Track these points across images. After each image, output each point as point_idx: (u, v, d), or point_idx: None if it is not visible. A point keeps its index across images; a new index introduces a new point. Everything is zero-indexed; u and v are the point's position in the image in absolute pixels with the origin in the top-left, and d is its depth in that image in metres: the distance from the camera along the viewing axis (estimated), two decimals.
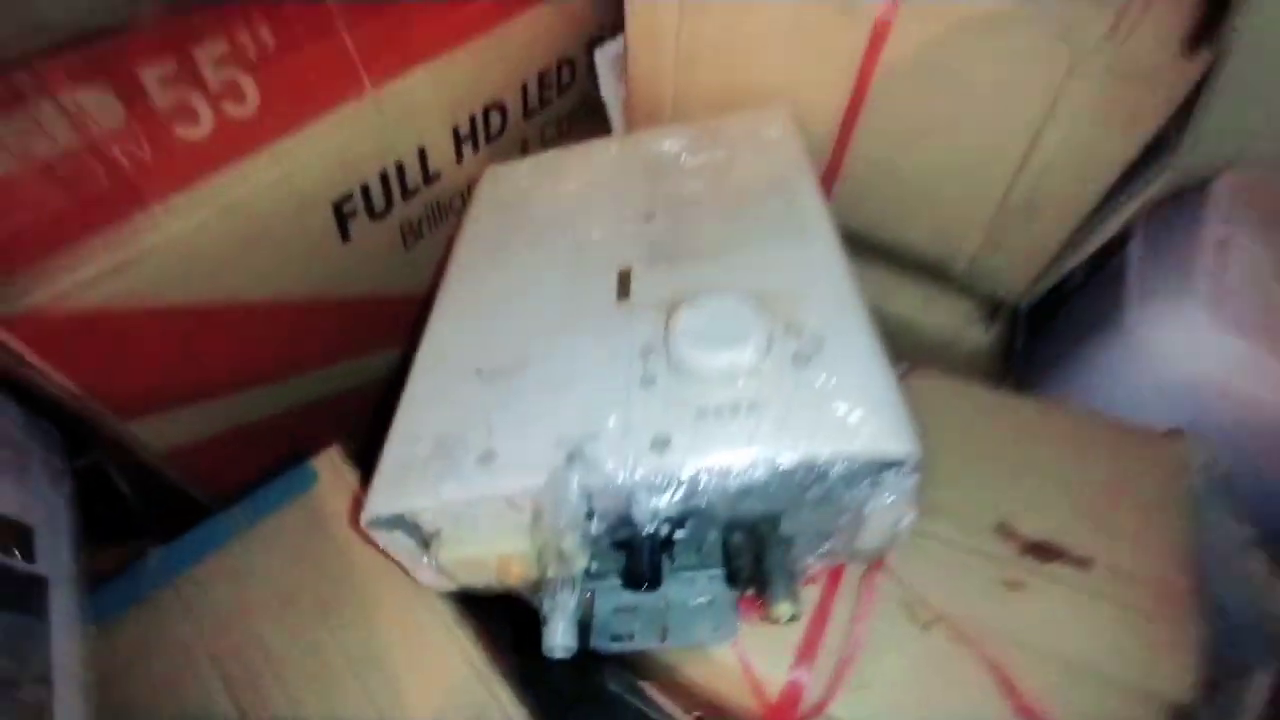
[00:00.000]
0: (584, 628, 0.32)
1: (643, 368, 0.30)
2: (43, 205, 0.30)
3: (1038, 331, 0.55)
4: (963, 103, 0.41)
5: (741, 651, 0.33)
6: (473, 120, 0.49)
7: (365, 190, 0.43)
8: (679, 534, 0.28)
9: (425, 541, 0.31)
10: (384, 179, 0.44)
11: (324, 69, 0.38)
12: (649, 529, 0.27)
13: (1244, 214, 0.47)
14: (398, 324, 0.50)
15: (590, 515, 0.27)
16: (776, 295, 0.31)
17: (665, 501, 0.26)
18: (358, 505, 0.37)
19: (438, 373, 0.34)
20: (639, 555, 0.27)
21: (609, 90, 0.57)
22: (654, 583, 0.28)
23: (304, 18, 0.37)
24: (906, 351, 0.50)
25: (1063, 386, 0.50)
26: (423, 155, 0.46)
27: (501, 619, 0.37)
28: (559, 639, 0.29)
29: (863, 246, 0.52)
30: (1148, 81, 0.35)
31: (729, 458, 0.26)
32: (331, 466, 0.40)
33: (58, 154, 0.30)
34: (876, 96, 0.44)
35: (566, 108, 0.58)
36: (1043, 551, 0.35)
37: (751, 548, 0.28)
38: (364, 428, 0.49)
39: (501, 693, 0.33)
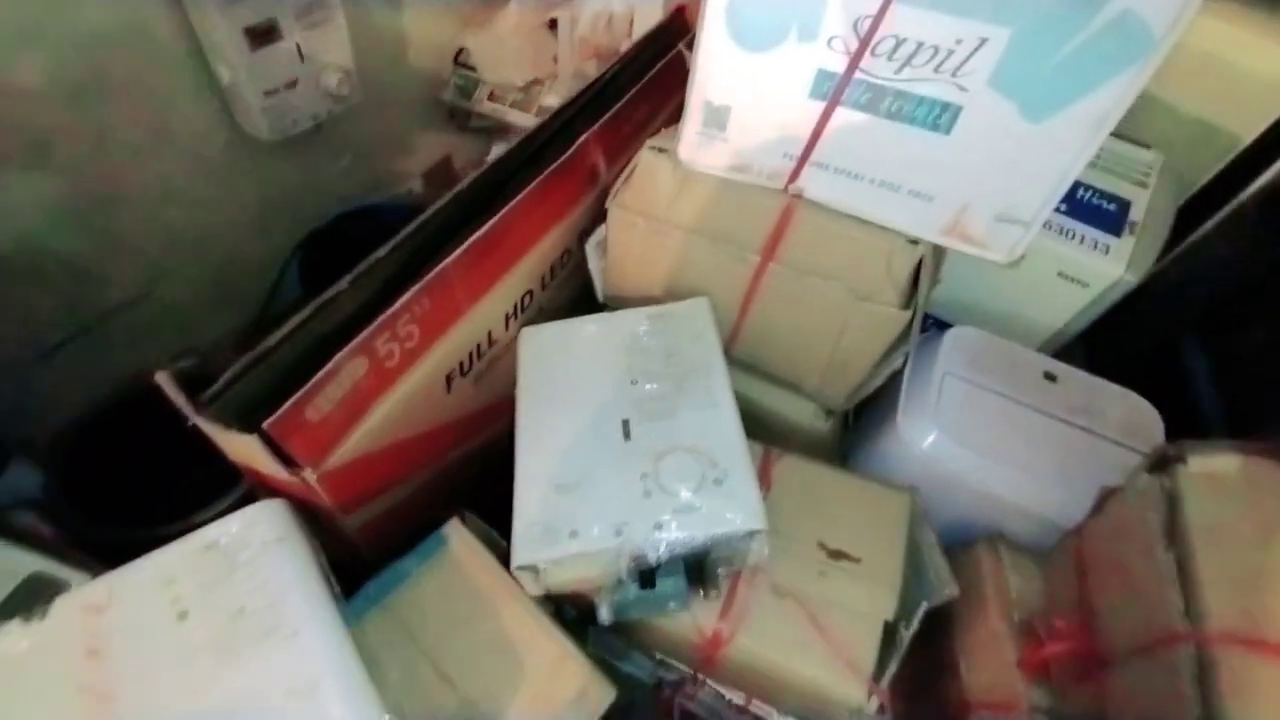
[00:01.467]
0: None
1: (643, 486, 0.62)
2: (337, 420, 0.58)
3: (859, 418, 0.91)
4: (801, 316, 0.75)
5: (693, 615, 0.66)
6: (515, 306, 0.79)
7: (460, 365, 0.73)
8: (663, 563, 0.61)
9: (537, 574, 0.62)
10: (470, 355, 0.74)
11: (446, 309, 0.68)
12: (652, 563, 0.59)
13: (956, 357, 0.85)
14: (477, 427, 0.80)
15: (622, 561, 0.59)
16: (704, 446, 0.64)
17: (659, 553, 0.58)
18: (476, 554, 0.67)
19: (532, 487, 0.64)
20: (646, 573, 0.60)
21: (594, 266, 0.87)
22: (652, 585, 0.61)
23: (439, 285, 0.66)
24: (776, 432, 0.85)
25: (867, 455, 0.86)
26: (489, 335, 0.76)
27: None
28: (605, 615, 0.61)
29: (753, 369, 0.87)
30: (885, 320, 0.71)
31: (685, 534, 0.58)
32: (456, 530, 0.70)
33: (343, 393, 0.58)
34: (756, 304, 0.78)
35: (566, 275, 0.88)
36: (838, 555, 0.70)
37: (697, 567, 0.61)
38: (465, 491, 0.78)
39: (586, 662, 0.64)
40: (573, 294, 0.91)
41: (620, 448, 0.66)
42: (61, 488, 0.92)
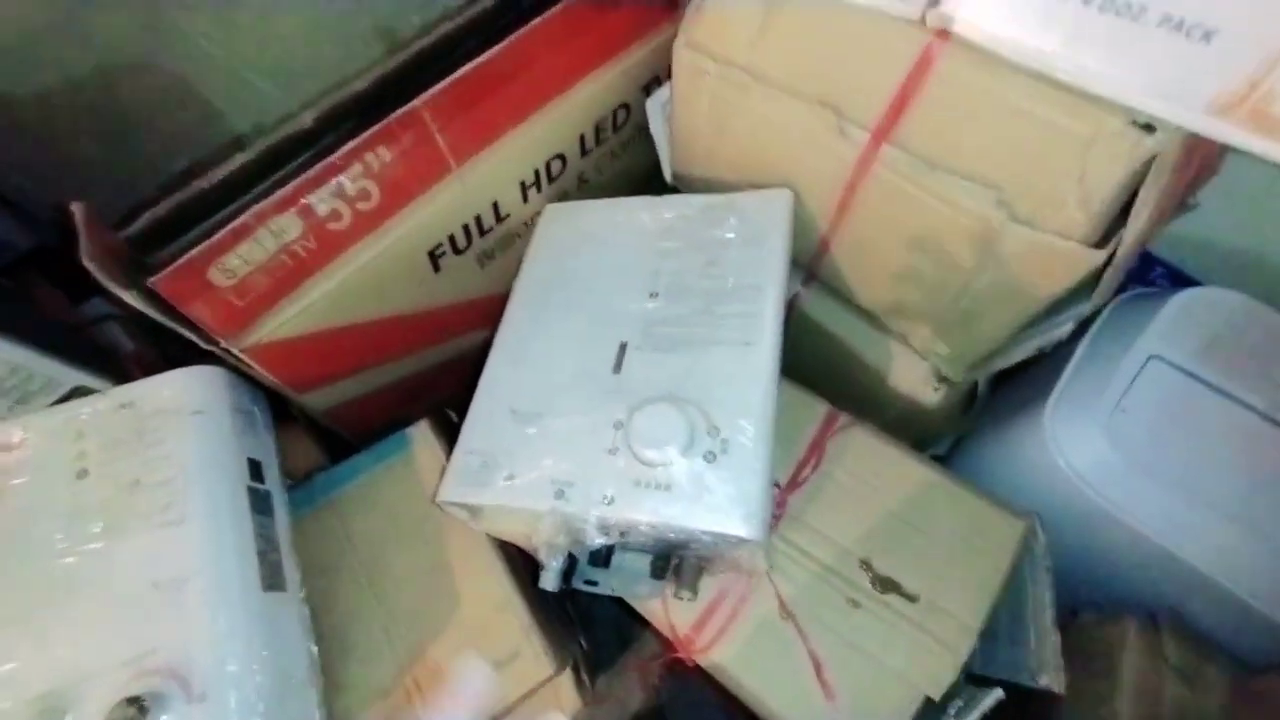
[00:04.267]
0: (568, 574, 0.51)
1: (612, 439, 0.45)
2: (262, 285, 0.48)
3: (995, 399, 0.64)
4: (919, 235, 0.49)
5: (665, 605, 0.51)
6: (536, 172, 0.62)
7: (451, 239, 0.59)
8: (618, 545, 0.45)
9: (472, 513, 0.50)
10: (465, 229, 0.59)
11: (422, 163, 0.52)
12: (594, 546, 0.44)
13: (1183, 333, 0.53)
14: (477, 317, 0.68)
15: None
16: (712, 400, 0.45)
17: (602, 538, 0.43)
18: (436, 468, 0.57)
19: (488, 404, 0.51)
20: (594, 550, 0.45)
21: (658, 131, 0.66)
22: (605, 565, 0.47)
23: (409, 130, 0.50)
24: (862, 391, 0.62)
25: (986, 456, 0.60)
26: (495, 206, 0.60)
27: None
28: (549, 583, 0.48)
29: (849, 302, 0.63)
30: (1058, 259, 0.43)
31: (645, 518, 0.42)
32: (422, 435, 0.60)
33: (268, 256, 0.47)
34: (858, 205, 0.52)
35: (621, 141, 0.68)
36: (886, 584, 0.49)
37: (663, 560, 0.45)
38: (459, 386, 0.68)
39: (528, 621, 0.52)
40: (633, 168, 0.71)
41: (604, 379, 0.49)
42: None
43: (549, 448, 0.47)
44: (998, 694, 0.45)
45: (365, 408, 0.64)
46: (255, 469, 0.52)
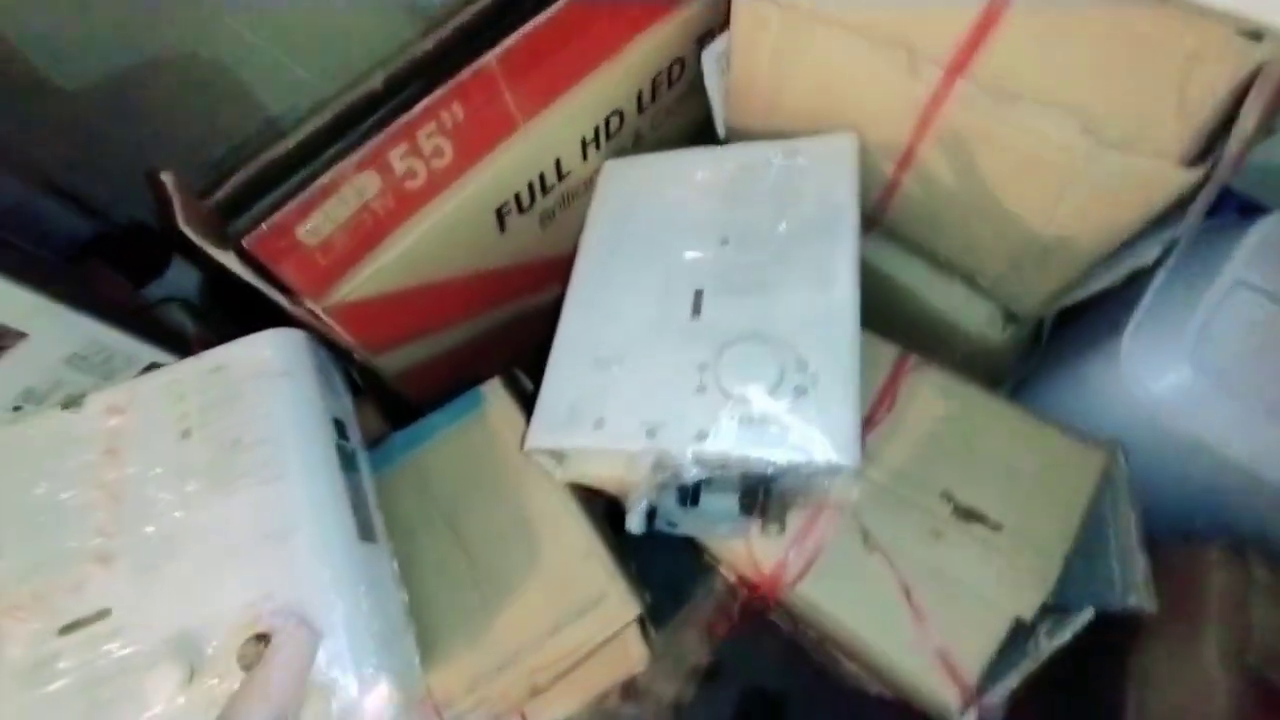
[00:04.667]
0: (651, 517, 0.52)
1: (699, 379, 0.46)
2: (344, 244, 0.49)
3: (1059, 337, 0.63)
4: (997, 167, 0.49)
5: (750, 545, 0.52)
6: (596, 129, 0.62)
7: (517, 197, 0.59)
8: (704, 486, 0.46)
9: (558, 460, 0.51)
10: (530, 186, 0.60)
11: (491, 120, 0.53)
12: (689, 481, 0.45)
13: (1270, 259, 0.52)
14: (541, 278, 0.68)
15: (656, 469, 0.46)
16: (797, 337, 0.46)
17: (697, 471, 0.44)
18: (511, 422, 0.58)
19: (568, 354, 0.52)
20: (683, 491, 0.46)
21: (713, 85, 0.65)
22: (695, 503, 0.48)
23: (481, 87, 0.50)
24: (927, 335, 0.62)
25: (1061, 389, 0.60)
26: (558, 163, 0.61)
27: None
28: (635, 524, 0.50)
29: (908, 244, 0.62)
30: (1150, 181, 0.43)
31: (740, 451, 0.43)
32: (494, 392, 0.61)
33: (350, 214, 0.48)
34: (928, 146, 0.52)
35: (675, 96, 0.68)
36: (968, 515, 0.50)
37: (753, 494, 0.46)
38: (526, 348, 0.69)
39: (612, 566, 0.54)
40: (686, 124, 0.71)
41: (684, 324, 0.50)
42: (214, 289, 0.99)
43: (636, 390, 0.48)
44: (1089, 613, 0.45)
45: (434, 370, 0.65)
46: (340, 428, 0.54)
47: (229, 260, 0.44)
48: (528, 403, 0.62)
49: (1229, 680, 0.46)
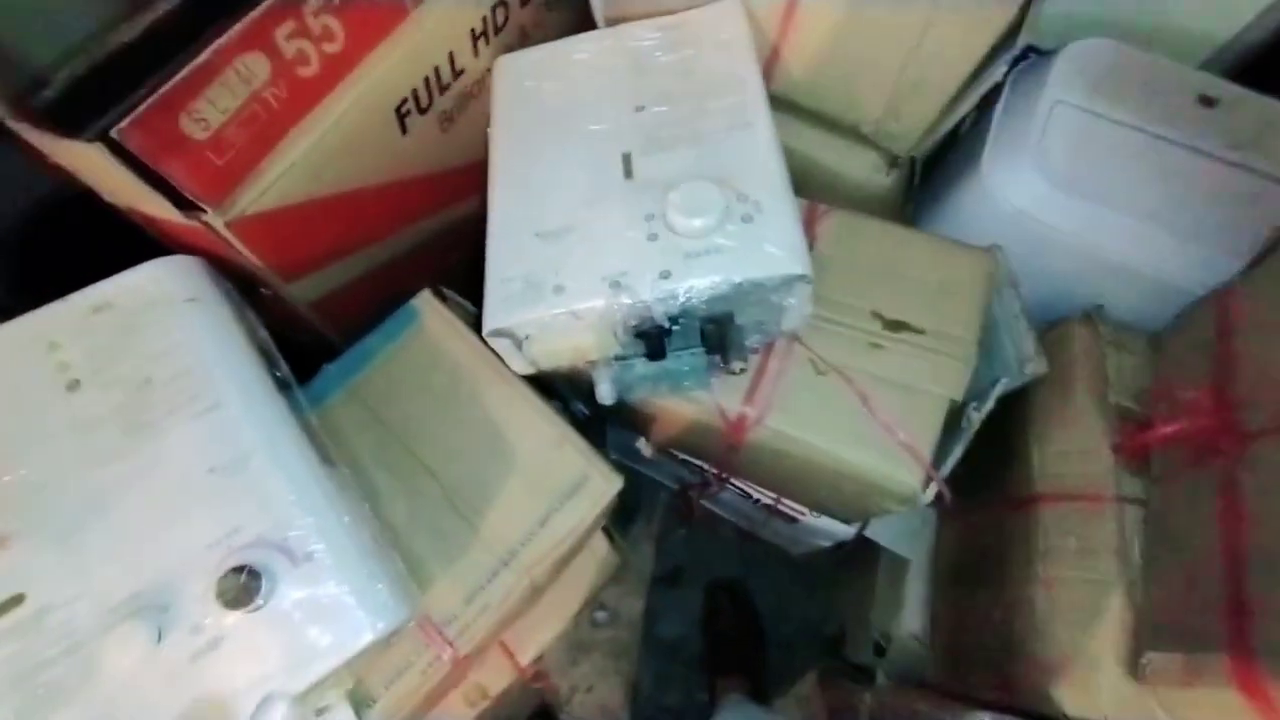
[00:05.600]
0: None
1: (648, 229, 0.47)
2: (239, 140, 0.44)
3: (929, 172, 0.72)
4: (864, 20, 0.54)
5: (714, 395, 0.55)
6: (484, 20, 0.59)
7: (415, 94, 0.56)
8: (675, 327, 0.48)
9: (519, 343, 0.50)
10: (426, 81, 0.56)
11: (381, 9, 0.49)
12: (660, 323, 0.46)
13: (1075, 80, 0.63)
14: (452, 189, 0.66)
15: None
16: (732, 175, 0.48)
17: (669, 307, 0.45)
18: (453, 332, 0.56)
19: (508, 235, 0.50)
20: (654, 338, 0.48)
21: None
22: (661, 355, 0.49)
23: None
24: (828, 190, 0.68)
25: (940, 214, 0.69)
26: (451, 57, 0.58)
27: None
28: (606, 393, 0.50)
29: (797, 110, 0.67)
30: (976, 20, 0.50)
31: (705, 281, 0.45)
32: (428, 304, 0.58)
33: (239, 104, 0.43)
34: (801, 11, 0.56)
35: None
36: (897, 326, 0.56)
37: (718, 331, 0.48)
38: (448, 270, 0.65)
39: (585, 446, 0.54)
40: (565, 19, 0.70)
41: (619, 186, 0.50)
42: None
43: (588, 252, 0.48)
44: (1004, 381, 0.53)
45: (352, 296, 0.60)
46: (268, 357, 0.49)
47: (94, 164, 0.38)
48: (463, 312, 0.60)
49: (1100, 413, 0.56)
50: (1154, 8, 0.68)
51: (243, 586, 0.37)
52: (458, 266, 0.64)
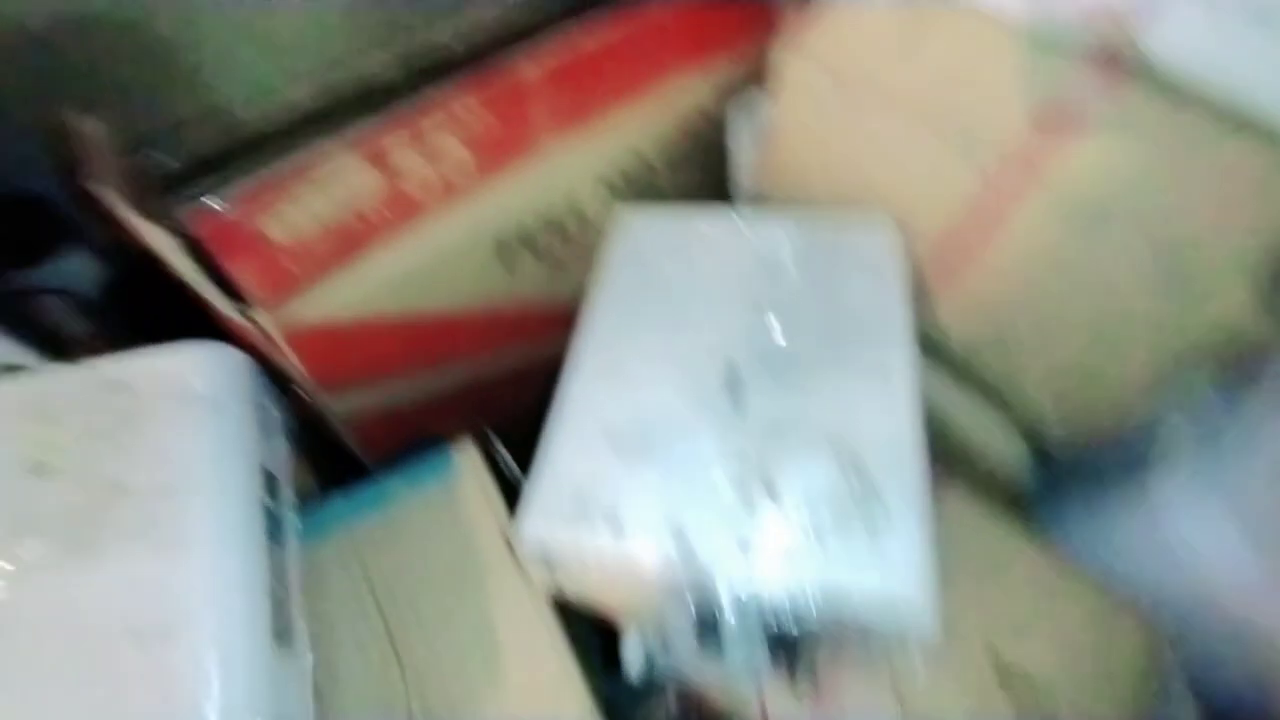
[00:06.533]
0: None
1: (739, 472, 0.38)
2: (321, 248, 0.39)
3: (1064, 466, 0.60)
4: (1059, 290, 0.46)
5: (761, 696, 0.43)
6: (616, 169, 0.55)
7: (527, 231, 0.51)
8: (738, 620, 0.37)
9: (551, 565, 0.41)
10: (541, 220, 0.52)
11: (510, 127, 0.46)
12: (721, 606, 0.36)
13: None
14: (530, 329, 0.59)
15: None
16: (855, 437, 0.39)
17: (738, 592, 0.35)
18: (483, 499, 0.48)
19: (576, 423, 0.42)
20: (709, 622, 0.37)
21: (738, 143, 0.61)
22: (714, 645, 0.38)
23: (506, 89, 0.44)
24: (944, 449, 0.56)
25: (1071, 530, 0.56)
26: (572, 200, 0.53)
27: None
28: (633, 666, 0.39)
29: (935, 354, 0.58)
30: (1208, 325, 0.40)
31: (791, 575, 0.34)
32: (466, 457, 0.50)
33: (333, 210, 0.38)
34: (989, 254, 0.49)
35: (697, 150, 0.63)
36: (1012, 675, 0.43)
37: (790, 644, 0.37)
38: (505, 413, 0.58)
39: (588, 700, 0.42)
40: (702, 180, 0.66)
41: (718, 406, 0.42)
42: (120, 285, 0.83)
43: (659, 479, 0.39)
44: None
45: (392, 422, 0.53)
46: (270, 484, 0.42)
47: (162, 243, 0.33)
48: (501, 475, 0.52)
49: None
50: None
51: None
52: (513, 406, 0.56)
